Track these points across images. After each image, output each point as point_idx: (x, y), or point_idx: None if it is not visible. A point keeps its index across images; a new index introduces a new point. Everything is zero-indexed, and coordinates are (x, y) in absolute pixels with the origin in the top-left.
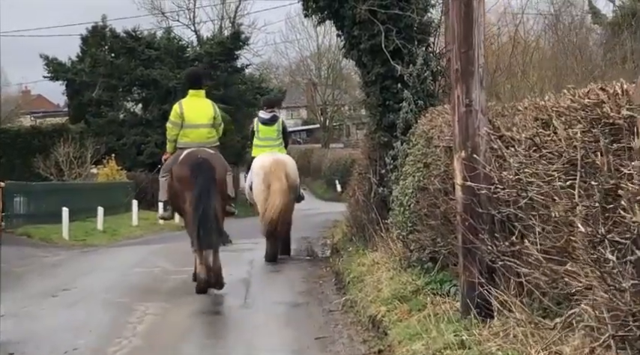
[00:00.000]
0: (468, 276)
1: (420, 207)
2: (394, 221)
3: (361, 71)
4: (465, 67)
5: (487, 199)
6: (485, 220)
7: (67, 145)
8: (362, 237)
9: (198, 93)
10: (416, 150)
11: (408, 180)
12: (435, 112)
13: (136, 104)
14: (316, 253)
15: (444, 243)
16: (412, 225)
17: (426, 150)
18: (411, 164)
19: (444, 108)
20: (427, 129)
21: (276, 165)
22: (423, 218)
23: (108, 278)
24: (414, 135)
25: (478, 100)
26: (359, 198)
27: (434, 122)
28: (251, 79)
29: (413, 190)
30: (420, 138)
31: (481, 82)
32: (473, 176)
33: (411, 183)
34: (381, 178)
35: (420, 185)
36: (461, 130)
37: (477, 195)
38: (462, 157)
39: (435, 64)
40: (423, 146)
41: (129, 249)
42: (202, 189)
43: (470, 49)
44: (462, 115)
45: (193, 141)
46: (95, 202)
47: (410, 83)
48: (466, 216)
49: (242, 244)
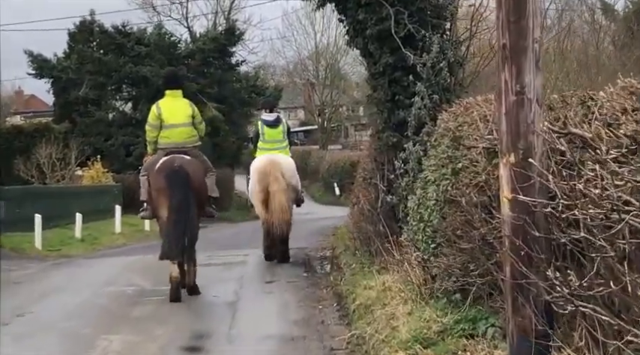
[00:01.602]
0: (519, 320)
1: (448, 225)
2: (410, 238)
3: (367, 61)
4: (516, 42)
5: (545, 218)
6: (543, 247)
7: (50, 146)
8: (367, 252)
9: (175, 93)
10: (439, 152)
11: (430, 189)
12: (464, 105)
13: (125, 103)
14: (315, 268)
15: (481, 272)
16: (436, 247)
17: (453, 153)
18: (433, 169)
19: (477, 101)
20: (454, 127)
21: (272, 165)
22: (452, 238)
23: (73, 300)
24: (432, 135)
25: (533, 86)
26: (363, 207)
27: (464, 117)
28: (246, 76)
29: (437, 202)
30: (443, 138)
31: (537, 62)
32: (526, 187)
33: (435, 194)
34: (389, 184)
35: (447, 196)
36: (509, 126)
37: (531, 213)
38: (510, 162)
39: (452, 54)
40: (449, 147)
41: (106, 262)
42: (180, 201)
43: (522, 18)
44: (511, 106)
45: (174, 141)
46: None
47: (423, 75)
48: (517, 241)
49: (232, 256)
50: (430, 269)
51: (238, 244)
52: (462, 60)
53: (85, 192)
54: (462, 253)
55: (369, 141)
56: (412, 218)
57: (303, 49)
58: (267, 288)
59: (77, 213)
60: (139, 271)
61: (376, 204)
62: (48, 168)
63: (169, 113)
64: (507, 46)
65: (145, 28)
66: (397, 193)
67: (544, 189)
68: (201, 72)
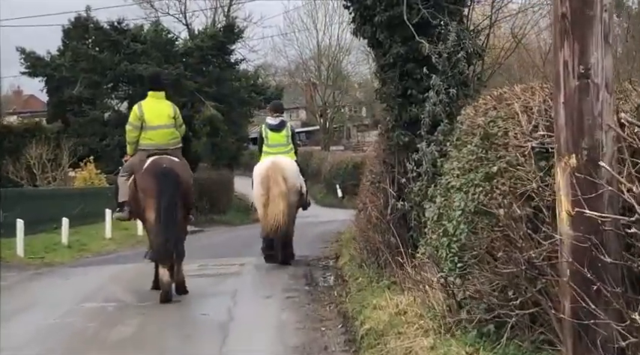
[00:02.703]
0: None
1: (480, 242)
2: (429, 254)
3: (375, 52)
4: (579, 11)
5: (618, 240)
6: (617, 277)
7: (40, 146)
8: (375, 264)
9: (157, 94)
10: (465, 153)
11: (455, 197)
12: (495, 97)
13: (120, 102)
14: (317, 280)
15: (523, 300)
16: (464, 267)
17: (484, 154)
18: (459, 174)
19: (514, 90)
20: (484, 122)
21: (274, 168)
22: (485, 258)
23: (44, 319)
24: (453, 133)
25: (601, 67)
26: (371, 214)
27: (498, 111)
28: (246, 75)
29: (464, 213)
30: (468, 136)
31: (606, 37)
32: (592, 199)
33: (462, 203)
34: (400, 189)
35: (479, 207)
36: (570, 119)
37: (600, 232)
38: (571, 166)
39: (471, 43)
40: (479, 147)
41: (90, 271)
42: (169, 202)
43: None
44: (573, 93)
45: (156, 142)
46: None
47: (439, 66)
48: (580, 268)
49: (226, 266)
50: (456, 294)
51: (234, 251)
52: (482, 50)
53: (76, 195)
54: (498, 277)
55: (376, 140)
56: (431, 230)
57: (305, 48)
58: (264, 305)
59: (64, 217)
60: (124, 283)
61: (385, 211)
62: (38, 170)
63: (152, 114)
64: (567, 16)
65: (141, 25)
66: (409, 199)
67: (616, 200)
68: (200, 70)
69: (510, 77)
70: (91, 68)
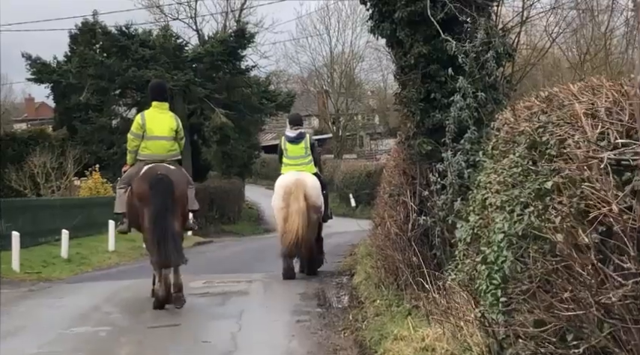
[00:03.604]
0: None
1: (531, 274)
2: (461, 281)
3: (395, 52)
4: None
5: None
6: None
7: (44, 154)
8: (394, 285)
9: (161, 105)
10: (506, 165)
11: (497, 217)
12: (543, 98)
13: (128, 109)
14: (330, 301)
15: (587, 347)
16: (508, 302)
17: (534, 167)
18: (499, 189)
19: (569, 90)
20: (532, 129)
21: (296, 185)
22: (539, 294)
23: (28, 348)
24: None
25: None
26: (390, 230)
27: (548, 114)
28: (257, 81)
29: (508, 237)
30: (511, 145)
31: None
32: None
33: (505, 225)
34: (422, 203)
35: (529, 230)
36: None
37: None
38: None
39: (501, 42)
40: (526, 158)
41: (87, 289)
42: (161, 208)
43: None
44: None
45: (154, 153)
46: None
47: (466, 67)
48: None
49: (233, 283)
50: (498, 333)
51: (242, 266)
52: (513, 50)
53: (80, 205)
54: (555, 318)
55: (395, 149)
56: (462, 253)
57: (317, 55)
58: (272, 331)
59: (64, 229)
60: (121, 303)
61: (405, 227)
62: (42, 179)
63: (153, 124)
64: None
65: (150, 30)
66: (432, 214)
67: None
68: (210, 76)
69: (535, 81)
70: (98, 74)
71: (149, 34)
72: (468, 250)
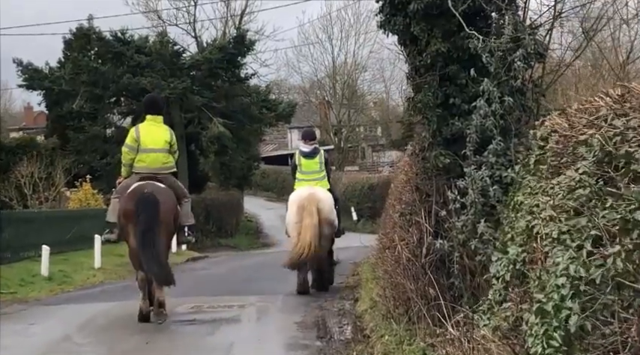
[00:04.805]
0: None
1: (614, 335)
2: (500, 331)
3: (408, 51)
4: None
5: None
6: None
7: (32, 164)
8: (404, 317)
9: (155, 118)
10: (565, 184)
11: (558, 255)
12: (617, 98)
13: (123, 117)
14: (331, 331)
15: None
16: None
17: (613, 187)
18: (555, 218)
19: None
20: (604, 137)
21: (309, 200)
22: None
23: None
24: (531, 154)
25: None
26: (401, 254)
27: (633, 117)
28: (257, 90)
29: (574, 282)
30: (567, 158)
31: None
32: None
33: (572, 266)
34: (438, 224)
35: (608, 277)
36: None
37: None
38: None
39: (532, 40)
40: (594, 175)
41: (63, 313)
42: (146, 227)
43: None
44: None
45: (149, 165)
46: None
47: (491, 68)
48: None
49: (224, 309)
50: None
51: (235, 286)
52: (544, 49)
53: (67, 217)
54: None
55: (406, 162)
56: (498, 293)
57: (319, 64)
58: None
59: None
60: (97, 331)
61: (419, 251)
62: (29, 189)
63: (148, 137)
64: None
65: (146, 36)
66: (450, 237)
67: None
68: (208, 84)
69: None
70: (92, 81)
71: (145, 40)
72: (508, 291)
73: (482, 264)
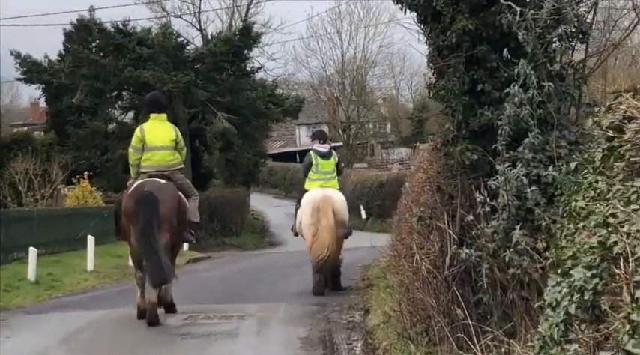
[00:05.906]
0: None
1: None
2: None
3: (429, 30)
4: None
5: None
6: None
7: (27, 160)
8: (424, 337)
9: (159, 117)
10: None
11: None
12: None
13: (124, 112)
14: (339, 349)
15: None
16: None
17: None
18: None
19: None
20: None
21: (324, 201)
22: None
23: None
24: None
25: None
26: (420, 266)
27: None
28: (263, 85)
29: None
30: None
31: None
32: None
33: None
34: (463, 230)
35: None
36: None
37: None
38: None
39: (575, 16)
40: None
41: (46, 321)
42: (145, 225)
43: None
44: None
45: (156, 164)
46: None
47: (528, 47)
48: None
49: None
50: None
51: (236, 293)
52: (589, 27)
53: (63, 216)
54: None
55: (426, 158)
56: (555, 324)
57: (328, 59)
58: None
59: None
60: (80, 346)
61: (440, 262)
62: (24, 187)
63: (152, 135)
64: None
65: (149, 28)
66: (478, 245)
67: None
68: (212, 78)
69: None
70: (92, 74)
71: (148, 32)
72: (571, 327)
73: (516, 278)
